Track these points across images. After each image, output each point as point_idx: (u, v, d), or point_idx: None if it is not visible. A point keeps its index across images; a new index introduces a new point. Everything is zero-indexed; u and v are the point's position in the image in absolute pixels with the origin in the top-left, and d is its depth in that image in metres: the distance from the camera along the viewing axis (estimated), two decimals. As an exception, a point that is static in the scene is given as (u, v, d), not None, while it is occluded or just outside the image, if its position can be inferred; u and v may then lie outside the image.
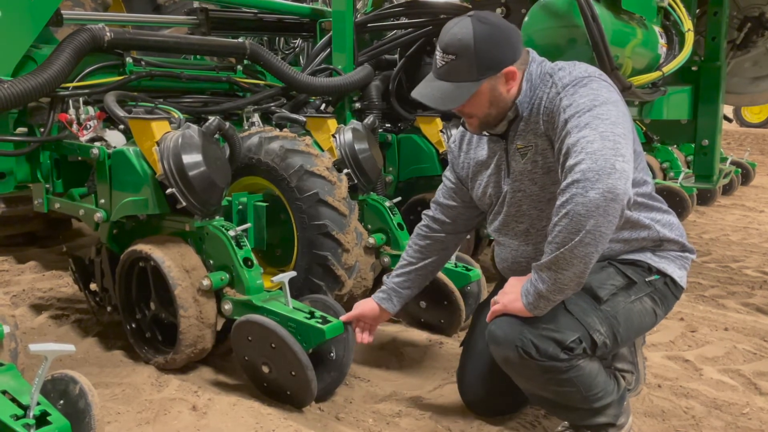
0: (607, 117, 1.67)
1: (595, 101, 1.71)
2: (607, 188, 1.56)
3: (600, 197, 1.56)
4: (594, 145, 1.61)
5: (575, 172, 1.60)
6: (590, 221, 1.57)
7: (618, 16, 2.72)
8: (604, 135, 1.63)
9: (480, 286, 2.99)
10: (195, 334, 2.39)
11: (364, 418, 2.22)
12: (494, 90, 1.87)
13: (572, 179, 1.60)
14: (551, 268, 1.67)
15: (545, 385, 1.82)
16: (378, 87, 3.83)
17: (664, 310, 1.97)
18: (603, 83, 1.80)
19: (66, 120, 2.63)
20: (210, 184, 2.39)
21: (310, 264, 2.79)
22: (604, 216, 1.57)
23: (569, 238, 1.60)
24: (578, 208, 1.57)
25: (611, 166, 1.57)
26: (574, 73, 1.82)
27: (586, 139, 1.63)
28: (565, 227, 1.61)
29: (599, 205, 1.56)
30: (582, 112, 1.70)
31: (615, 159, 1.58)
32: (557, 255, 1.64)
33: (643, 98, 3.00)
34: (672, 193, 5.49)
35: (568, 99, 1.76)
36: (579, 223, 1.58)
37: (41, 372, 1.58)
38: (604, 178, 1.56)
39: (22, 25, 2.58)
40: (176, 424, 2.12)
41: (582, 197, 1.57)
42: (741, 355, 2.77)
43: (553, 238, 1.65)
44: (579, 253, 1.61)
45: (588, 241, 1.59)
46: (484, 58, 1.81)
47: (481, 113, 1.92)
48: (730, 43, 3.78)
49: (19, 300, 3.46)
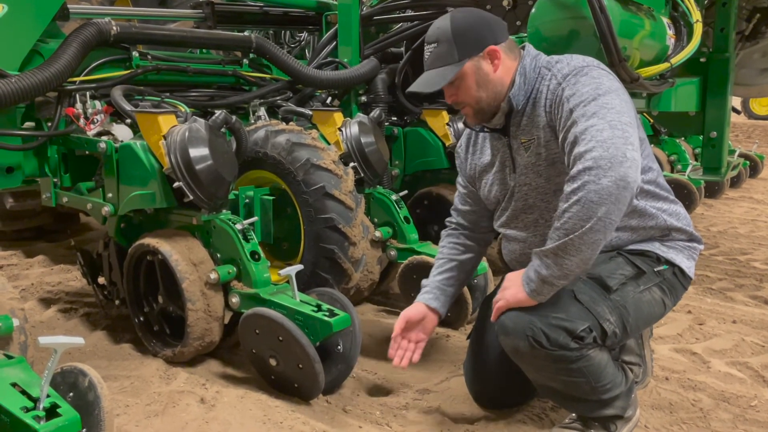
0: (613, 106, 1.69)
1: (599, 89, 1.73)
2: (620, 176, 1.57)
3: (613, 185, 1.57)
4: (604, 133, 1.62)
5: (586, 159, 1.60)
6: (602, 208, 1.58)
7: (626, 7, 2.70)
8: (613, 124, 1.64)
9: (487, 279, 2.98)
10: (203, 327, 2.40)
11: (372, 410, 2.23)
12: (479, 70, 1.90)
13: (584, 166, 1.60)
14: (558, 253, 1.67)
15: (555, 374, 1.82)
16: (384, 80, 3.82)
17: (672, 300, 1.97)
18: (603, 72, 1.82)
19: (73, 114, 2.63)
20: (217, 178, 2.39)
21: (317, 257, 2.79)
22: (616, 204, 1.58)
23: (580, 225, 1.61)
24: (591, 195, 1.58)
25: (623, 155, 1.58)
26: (573, 64, 1.84)
27: (596, 127, 1.64)
28: (576, 213, 1.61)
29: (612, 193, 1.57)
30: (587, 101, 1.71)
31: (626, 147, 1.60)
32: (566, 241, 1.64)
33: (651, 90, 2.98)
34: (680, 186, 5.46)
35: (571, 89, 1.77)
36: (591, 210, 1.59)
37: (51, 364, 1.58)
38: (617, 166, 1.57)
39: (29, 19, 2.59)
40: (184, 416, 2.13)
41: (595, 184, 1.58)
42: (749, 348, 2.76)
43: (562, 224, 1.64)
44: (588, 240, 1.62)
45: (598, 228, 1.60)
46: (462, 39, 1.88)
47: (472, 98, 1.93)
48: (739, 34, 3.75)
49: (27, 294, 3.48)
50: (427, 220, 3.68)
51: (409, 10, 3.96)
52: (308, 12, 4.60)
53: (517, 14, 3.44)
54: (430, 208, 3.70)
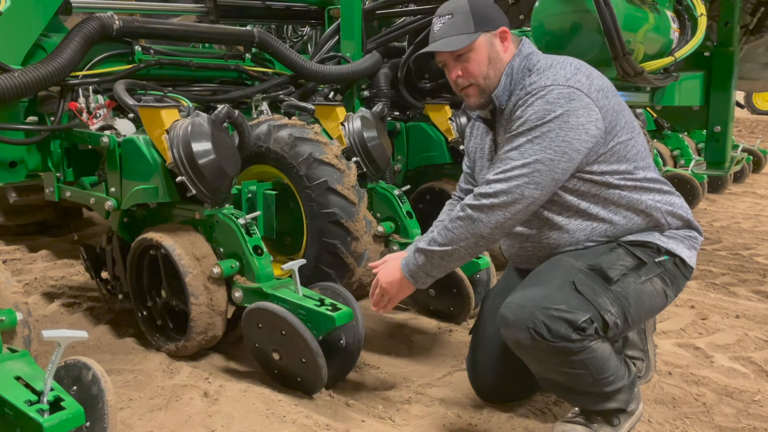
0: (542, 139, 1.79)
1: (545, 117, 1.81)
2: (511, 213, 1.82)
3: (501, 217, 1.82)
4: (515, 167, 1.81)
5: (489, 186, 1.83)
6: (487, 231, 1.85)
7: (630, 1, 2.69)
8: (526, 161, 1.80)
9: (489, 274, 2.98)
10: (206, 321, 2.41)
11: (374, 404, 2.23)
12: (492, 46, 1.96)
13: (485, 191, 1.83)
14: (443, 257, 1.92)
15: (557, 367, 1.82)
16: (387, 75, 3.81)
17: (674, 290, 1.96)
18: (565, 91, 1.82)
19: (76, 109, 2.64)
20: (220, 172, 2.39)
21: (320, 252, 2.79)
22: (500, 229, 1.85)
23: (466, 237, 1.87)
24: (483, 217, 1.83)
25: (520, 195, 1.80)
26: (543, 79, 1.88)
27: (511, 158, 1.82)
28: (466, 227, 1.86)
29: (499, 223, 1.83)
30: (525, 130, 1.83)
31: (527, 187, 1.79)
32: (452, 249, 1.90)
33: (655, 84, 2.96)
34: (683, 181, 5.45)
35: (522, 110, 1.87)
36: (478, 229, 1.85)
37: (54, 358, 1.59)
38: (511, 203, 1.81)
39: (32, 13, 2.59)
40: (188, 410, 2.14)
41: (487, 214, 1.83)
42: (752, 343, 2.75)
43: (452, 228, 1.88)
44: (471, 251, 1.91)
45: (482, 244, 1.89)
46: (479, 13, 1.94)
47: (482, 74, 1.97)
48: (743, 28, 3.73)
49: (31, 288, 3.49)
50: (430, 215, 3.64)
51: (411, 5, 3.96)
52: (311, 6, 4.59)
53: (521, 8, 3.43)
54: (433, 203, 3.69)
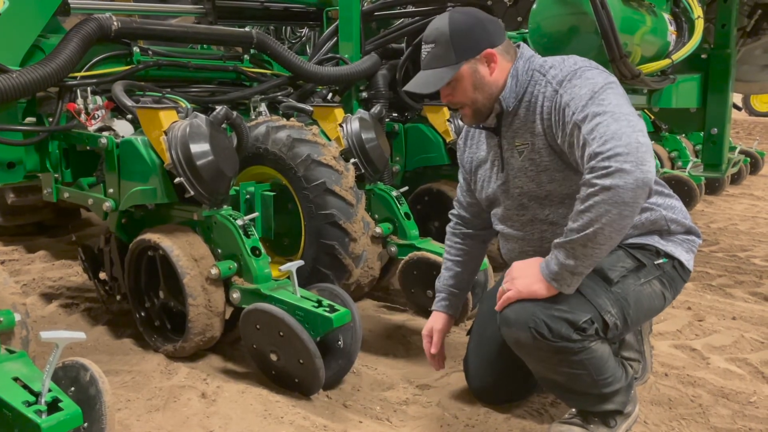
0: (610, 101, 1.71)
1: (594, 89, 1.75)
2: (640, 161, 1.58)
3: (639, 173, 1.57)
4: (611, 127, 1.63)
5: (604, 153, 1.60)
6: (629, 195, 1.58)
7: (627, 3, 2.69)
8: (616, 117, 1.65)
9: (487, 275, 2.98)
10: (204, 322, 2.41)
11: (372, 405, 2.24)
12: (475, 73, 1.92)
13: (604, 156, 1.60)
14: (587, 244, 1.65)
15: (557, 366, 1.83)
16: (385, 76, 3.81)
17: (672, 293, 1.97)
18: (596, 71, 1.83)
19: (74, 110, 2.64)
20: (218, 174, 2.39)
21: (318, 253, 2.80)
22: (643, 188, 1.59)
23: (607, 211, 1.59)
24: (619, 182, 1.57)
25: (636, 141, 1.60)
26: (566, 68, 1.85)
27: (602, 124, 1.65)
28: (604, 200, 1.59)
29: (639, 180, 1.57)
30: (586, 103, 1.73)
31: (636, 135, 1.61)
32: (595, 229, 1.62)
33: (652, 86, 2.97)
34: (680, 183, 5.46)
35: (569, 94, 1.79)
36: (619, 196, 1.58)
37: (52, 359, 1.59)
38: (633, 153, 1.58)
39: (30, 14, 2.59)
40: (186, 411, 2.14)
41: (622, 176, 1.57)
42: (748, 344, 2.76)
43: (587, 208, 1.62)
44: (617, 226, 1.61)
45: (627, 213, 1.60)
46: (460, 41, 1.89)
47: (468, 99, 1.95)
48: (740, 31, 3.74)
49: (29, 289, 3.49)
50: (428, 216, 3.69)
51: (410, 6, 3.96)
52: (309, 8, 4.60)
53: (518, 10, 3.43)
54: (431, 205, 3.70)
